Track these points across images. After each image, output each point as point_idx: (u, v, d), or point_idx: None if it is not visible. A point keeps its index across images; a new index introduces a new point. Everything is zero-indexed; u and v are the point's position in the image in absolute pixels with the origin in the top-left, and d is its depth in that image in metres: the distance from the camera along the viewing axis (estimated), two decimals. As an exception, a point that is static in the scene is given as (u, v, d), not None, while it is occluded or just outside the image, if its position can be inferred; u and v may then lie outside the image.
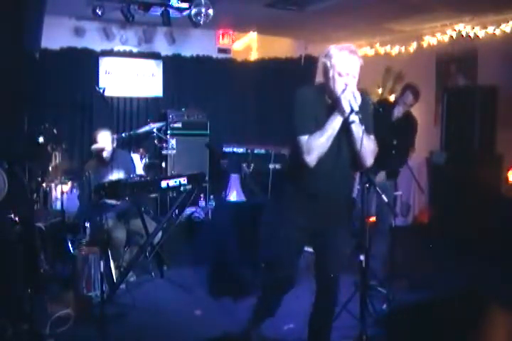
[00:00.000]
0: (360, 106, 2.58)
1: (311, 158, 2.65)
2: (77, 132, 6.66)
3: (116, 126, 6.83)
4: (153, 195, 5.80)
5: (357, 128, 2.66)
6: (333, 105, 2.66)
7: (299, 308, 3.31)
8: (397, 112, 4.51)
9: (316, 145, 2.63)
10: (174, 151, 6.50)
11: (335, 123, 2.62)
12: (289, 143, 2.94)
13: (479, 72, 6.39)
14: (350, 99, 2.55)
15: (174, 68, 7.22)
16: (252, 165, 6.09)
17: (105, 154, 4.66)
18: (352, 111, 2.56)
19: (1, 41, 3.30)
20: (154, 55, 7.16)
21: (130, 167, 4.91)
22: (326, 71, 2.67)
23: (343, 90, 2.58)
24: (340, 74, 2.60)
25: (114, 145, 4.78)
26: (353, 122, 2.63)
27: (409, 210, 6.83)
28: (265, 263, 4.54)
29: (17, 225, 3.67)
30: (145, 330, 3.64)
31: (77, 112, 6.63)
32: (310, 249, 3.13)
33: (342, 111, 2.60)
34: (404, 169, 4.57)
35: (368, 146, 2.71)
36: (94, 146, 4.66)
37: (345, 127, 2.66)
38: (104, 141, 4.64)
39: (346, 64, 2.59)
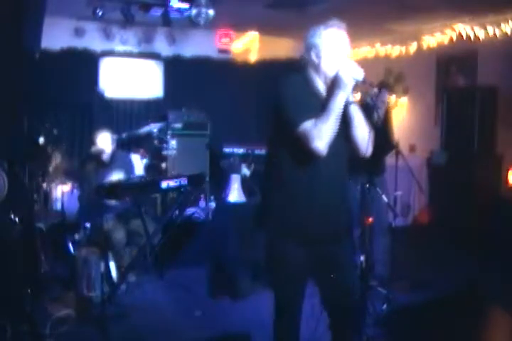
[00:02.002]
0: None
1: (323, 144, 2.24)
2: (77, 132, 6.67)
3: (116, 126, 6.82)
4: (154, 196, 5.82)
5: (357, 111, 2.41)
6: (330, 87, 2.37)
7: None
8: (380, 113, 4.27)
9: (326, 127, 2.25)
10: (174, 152, 6.51)
11: (338, 100, 2.28)
12: (272, 141, 2.55)
13: (479, 72, 6.39)
14: (351, 70, 2.29)
15: (174, 68, 7.23)
16: (252, 165, 6.10)
17: (105, 156, 4.66)
18: (357, 82, 2.29)
19: (1, 41, 3.30)
20: (154, 56, 7.17)
21: (129, 168, 4.91)
22: (316, 51, 2.40)
23: (341, 64, 2.32)
24: (333, 51, 2.38)
25: (114, 146, 4.78)
26: (351, 103, 2.38)
27: (409, 210, 6.83)
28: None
29: (17, 225, 3.67)
30: (145, 330, 3.64)
31: (77, 113, 6.65)
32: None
33: (343, 86, 2.28)
34: (404, 169, 4.57)
35: (369, 132, 2.43)
36: (94, 149, 4.66)
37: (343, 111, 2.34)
38: (104, 142, 4.64)
39: (337, 40, 2.39)
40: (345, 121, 2.39)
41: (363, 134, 2.43)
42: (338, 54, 2.37)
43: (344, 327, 2.57)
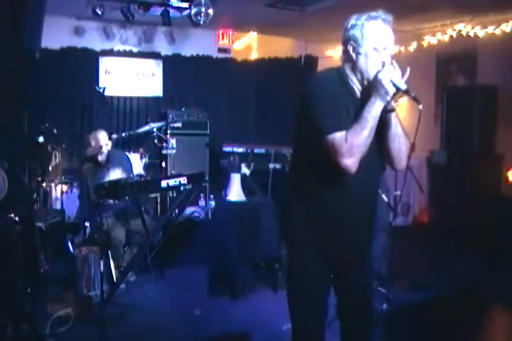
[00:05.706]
0: None
1: (353, 161, 2.01)
2: (77, 132, 6.66)
3: (116, 125, 6.84)
4: (153, 195, 5.82)
5: (395, 120, 2.13)
6: (366, 90, 2.11)
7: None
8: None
9: (359, 142, 2.00)
10: (174, 151, 6.50)
11: (375, 110, 2.02)
12: (298, 145, 2.30)
13: (479, 72, 6.39)
14: (392, 77, 2.03)
15: (174, 68, 7.22)
16: (252, 164, 6.09)
17: (101, 156, 4.65)
18: (398, 90, 2.04)
19: (1, 41, 3.29)
20: (154, 55, 7.16)
21: (127, 166, 4.90)
22: (354, 46, 2.11)
23: (382, 67, 2.06)
24: (376, 49, 2.08)
25: (110, 146, 4.75)
26: (392, 110, 2.11)
27: (409, 210, 6.82)
28: (265, 262, 4.55)
29: (17, 225, 3.67)
30: (145, 330, 3.64)
31: (77, 112, 6.64)
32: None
33: (383, 94, 2.03)
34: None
35: (406, 144, 2.21)
36: (89, 150, 4.66)
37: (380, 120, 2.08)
38: (99, 142, 4.63)
39: (380, 35, 2.08)
40: (381, 130, 2.13)
41: (399, 146, 2.19)
42: (379, 52, 2.09)
43: (355, 337, 2.47)
